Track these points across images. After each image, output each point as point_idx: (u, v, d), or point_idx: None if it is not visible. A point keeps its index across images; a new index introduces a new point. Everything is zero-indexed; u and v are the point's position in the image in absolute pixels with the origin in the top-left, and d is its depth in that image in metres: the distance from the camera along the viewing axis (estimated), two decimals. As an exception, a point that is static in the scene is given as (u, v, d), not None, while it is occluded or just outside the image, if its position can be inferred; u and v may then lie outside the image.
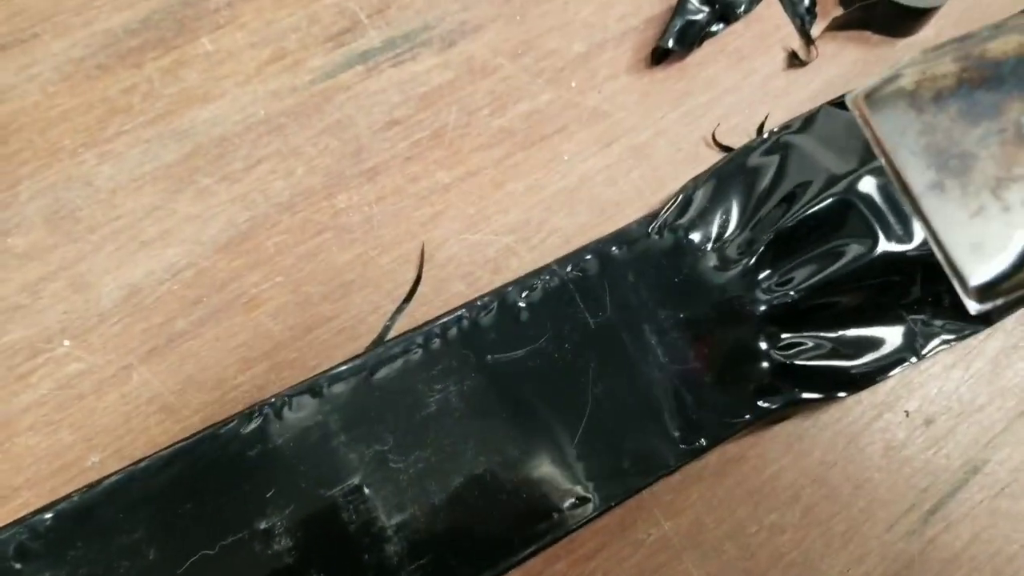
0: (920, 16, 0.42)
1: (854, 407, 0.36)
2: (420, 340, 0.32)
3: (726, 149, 0.39)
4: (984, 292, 0.25)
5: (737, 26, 0.42)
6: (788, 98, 0.41)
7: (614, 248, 0.35)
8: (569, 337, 0.33)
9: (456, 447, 0.31)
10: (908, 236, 0.34)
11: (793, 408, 0.34)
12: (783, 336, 0.35)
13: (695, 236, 0.36)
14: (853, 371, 0.34)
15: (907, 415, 0.36)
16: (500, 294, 0.33)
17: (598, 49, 0.40)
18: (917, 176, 0.25)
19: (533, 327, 0.33)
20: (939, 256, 0.25)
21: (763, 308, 0.35)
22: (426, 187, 0.36)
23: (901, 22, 0.42)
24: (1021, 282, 0.25)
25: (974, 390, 0.37)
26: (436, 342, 0.32)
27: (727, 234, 0.36)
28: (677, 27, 0.40)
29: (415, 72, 0.38)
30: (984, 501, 0.35)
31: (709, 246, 0.36)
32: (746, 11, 0.41)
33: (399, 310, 0.34)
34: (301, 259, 0.34)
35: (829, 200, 0.35)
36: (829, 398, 0.34)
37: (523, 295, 0.33)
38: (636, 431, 0.32)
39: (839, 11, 0.43)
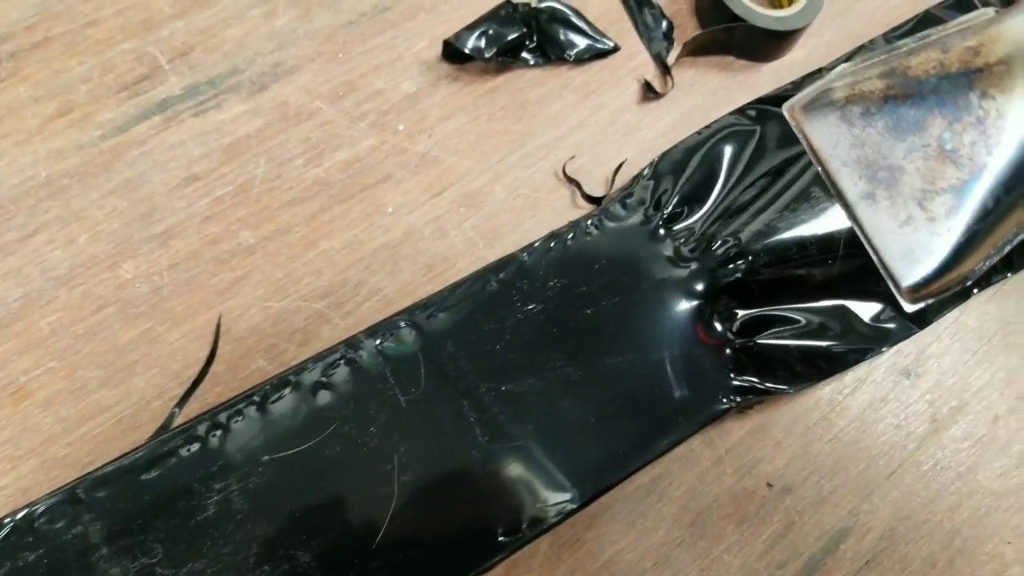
0: (783, 39, 0.39)
1: (705, 474, 0.33)
2: (200, 431, 0.29)
3: (575, 184, 0.35)
4: (915, 292, 0.27)
5: (585, 56, 0.38)
6: (639, 134, 0.38)
7: (432, 313, 0.31)
8: (376, 419, 0.30)
9: (236, 556, 0.27)
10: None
11: (627, 479, 0.31)
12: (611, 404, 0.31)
13: (527, 300, 0.32)
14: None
15: (770, 487, 0.33)
16: (297, 372, 0.30)
17: (430, 88, 0.37)
18: (850, 186, 0.27)
19: (333, 410, 0.30)
20: (874, 259, 0.27)
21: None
22: (227, 249, 0.33)
23: (764, 46, 0.39)
24: (948, 283, 0.26)
25: (838, 451, 0.34)
26: (217, 434, 0.29)
27: (566, 299, 0.33)
28: (478, 32, 0.36)
29: (220, 121, 0.35)
30: (844, 578, 0.32)
31: (536, 308, 0.32)
32: (577, 59, 0.38)
33: (188, 394, 0.31)
34: (79, 340, 0.31)
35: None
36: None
37: (324, 373, 0.30)
38: (447, 523, 0.29)
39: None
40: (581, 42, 0.37)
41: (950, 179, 0.25)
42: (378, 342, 0.31)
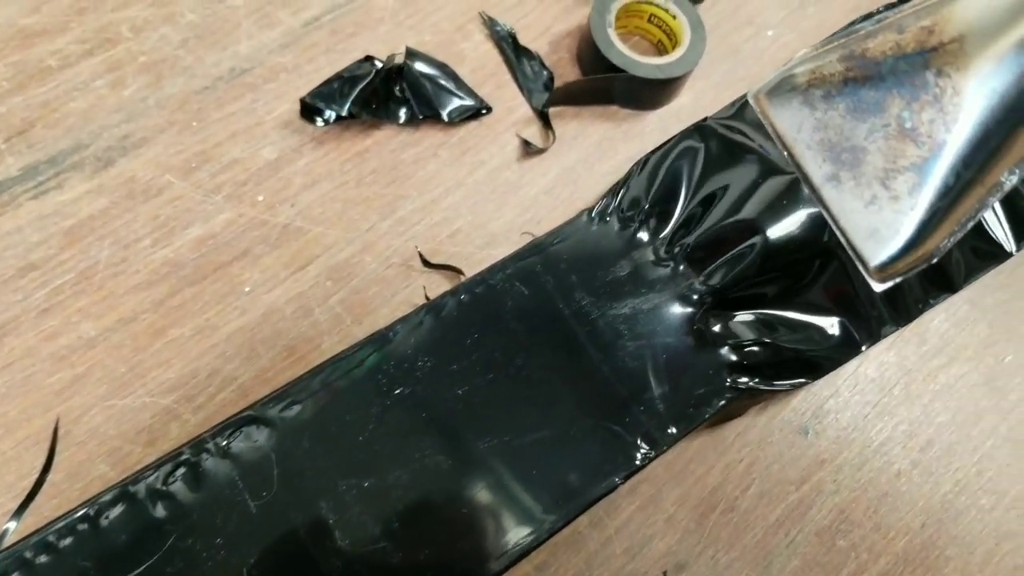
0: (666, 87, 0.37)
1: (592, 557, 0.31)
2: (27, 554, 0.26)
3: (450, 268, 0.33)
4: (883, 271, 0.27)
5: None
6: (520, 192, 0.36)
7: (287, 405, 0.29)
8: (222, 528, 0.27)
9: None
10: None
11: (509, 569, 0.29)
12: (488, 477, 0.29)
13: (394, 383, 0.30)
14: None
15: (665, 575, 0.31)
16: (134, 482, 0.27)
17: (293, 153, 0.35)
18: (815, 169, 0.27)
19: (174, 522, 0.27)
20: (841, 241, 0.26)
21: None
22: (65, 345, 0.30)
23: (646, 95, 0.38)
24: (914, 262, 0.26)
25: (733, 522, 0.32)
26: (44, 558, 0.26)
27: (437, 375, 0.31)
28: (333, 87, 0.34)
29: (60, 203, 0.32)
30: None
31: (405, 391, 0.30)
32: (451, 120, 0.36)
33: (22, 508, 0.28)
34: None
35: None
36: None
37: (164, 481, 0.28)
38: (302, 640, 0.26)
39: (577, 86, 0.38)
40: (452, 102, 0.35)
41: (911, 157, 0.26)
42: (225, 442, 0.28)
